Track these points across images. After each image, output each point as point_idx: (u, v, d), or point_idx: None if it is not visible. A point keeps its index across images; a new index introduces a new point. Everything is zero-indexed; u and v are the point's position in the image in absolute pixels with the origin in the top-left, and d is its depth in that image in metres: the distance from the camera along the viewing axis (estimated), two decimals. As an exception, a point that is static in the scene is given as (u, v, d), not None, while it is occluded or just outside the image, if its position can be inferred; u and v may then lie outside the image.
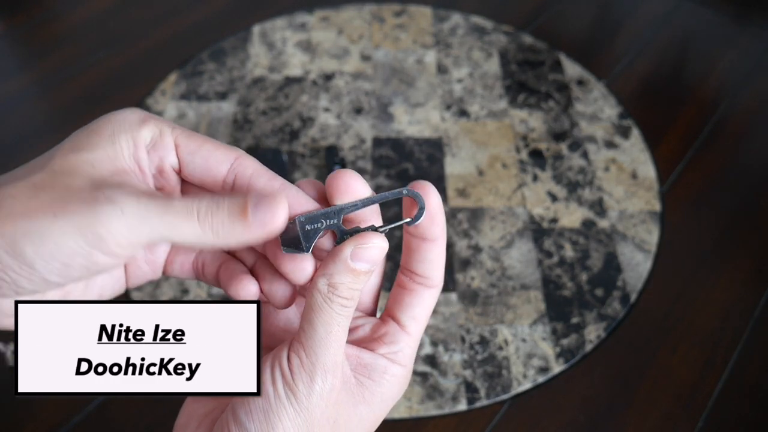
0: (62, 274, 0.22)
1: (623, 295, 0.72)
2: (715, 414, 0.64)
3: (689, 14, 1.07)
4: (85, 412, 0.63)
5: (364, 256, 0.25)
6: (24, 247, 0.22)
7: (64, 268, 0.22)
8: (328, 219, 0.25)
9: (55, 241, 0.22)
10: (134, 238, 0.22)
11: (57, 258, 0.22)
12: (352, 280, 0.25)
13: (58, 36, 1.04)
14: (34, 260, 0.22)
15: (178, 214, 0.23)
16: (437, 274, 0.28)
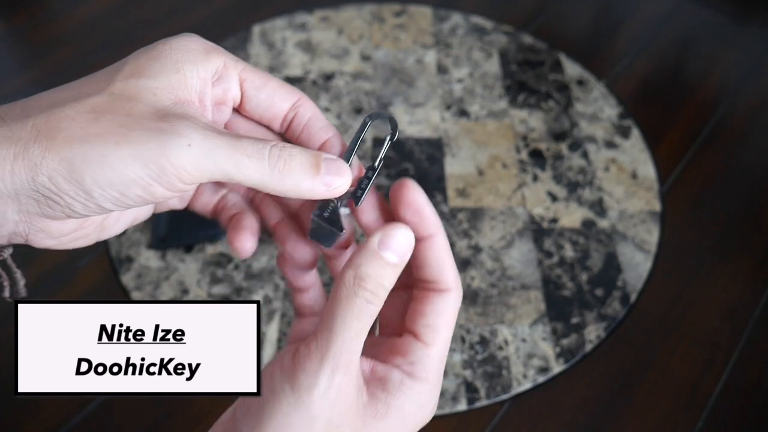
0: (117, 202, 0.22)
1: (623, 295, 0.72)
2: (715, 414, 0.64)
3: (689, 14, 1.07)
4: (85, 412, 0.63)
5: (391, 244, 0.24)
6: (83, 173, 0.21)
7: (120, 196, 0.22)
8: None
9: (116, 170, 0.21)
10: (198, 173, 0.22)
11: (115, 187, 0.21)
12: (380, 271, 0.23)
13: (59, 36, 1.04)
14: (91, 187, 0.21)
15: (247, 153, 0.22)
16: (445, 276, 0.26)
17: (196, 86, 0.24)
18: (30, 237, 0.23)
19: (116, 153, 0.21)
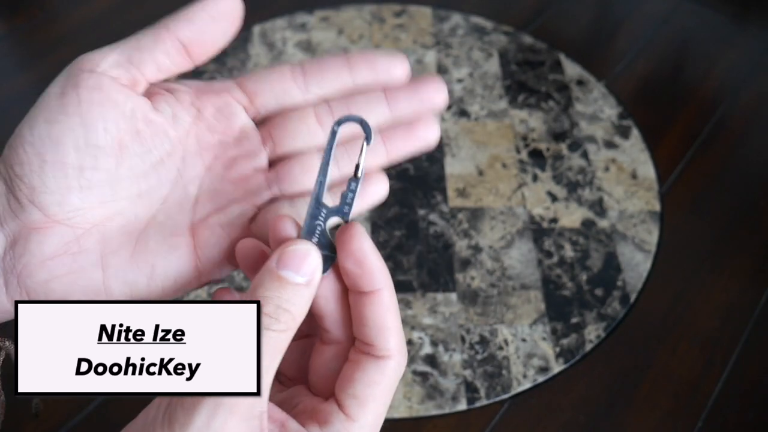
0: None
1: (623, 295, 0.72)
2: (715, 414, 0.64)
3: (689, 14, 1.07)
4: (85, 412, 0.63)
5: (290, 263, 0.21)
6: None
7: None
8: (319, 216, 0.24)
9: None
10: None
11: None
12: (281, 293, 0.21)
13: (59, 36, 1.04)
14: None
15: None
16: (384, 341, 0.22)
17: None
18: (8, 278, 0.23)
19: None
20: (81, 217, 0.23)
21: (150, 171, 0.24)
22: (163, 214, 0.25)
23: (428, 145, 0.26)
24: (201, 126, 0.25)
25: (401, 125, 0.26)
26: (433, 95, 0.25)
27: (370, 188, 0.25)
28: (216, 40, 0.25)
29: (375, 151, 0.25)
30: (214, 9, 0.24)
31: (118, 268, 0.24)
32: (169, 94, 0.25)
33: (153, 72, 0.24)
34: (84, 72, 0.23)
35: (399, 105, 0.26)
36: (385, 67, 0.25)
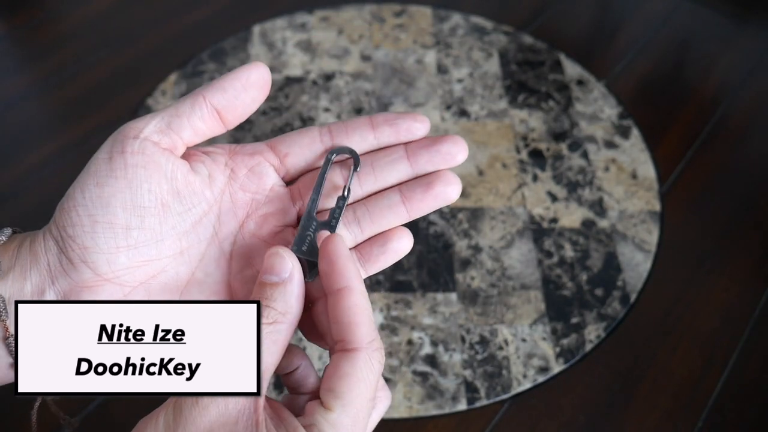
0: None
1: (623, 295, 0.72)
2: (715, 414, 0.64)
3: (689, 14, 1.07)
4: (85, 412, 0.63)
5: (266, 268, 0.24)
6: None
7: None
8: (309, 228, 0.27)
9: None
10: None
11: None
12: (261, 292, 0.24)
13: (59, 36, 1.04)
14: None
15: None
16: (351, 334, 0.24)
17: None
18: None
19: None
20: (129, 275, 0.25)
21: (190, 230, 0.26)
22: (202, 271, 0.27)
23: (448, 201, 0.27)
24: (235, 186, 0.27)
25: (420, 184, 0.27)
26: (453, 152, 0.27)
27: (392, 244, 0.27)
28: (246, 107, 0.27)
29: (396, 211, 0.27)
30: (245, 79, 0.26)
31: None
32: (205, 156, 0.27)
33: (190, 136, 0.26)
34: (129, 138, 0.25)
35: (419, 161, 0.27)
36: (406, 127, 0.27)
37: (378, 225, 0.27)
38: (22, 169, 0.84)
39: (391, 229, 0.27)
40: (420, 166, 0.27)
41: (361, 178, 0.28)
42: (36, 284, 0.24)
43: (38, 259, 0.25)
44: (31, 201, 0.81)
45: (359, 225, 0.27)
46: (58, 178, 0.83)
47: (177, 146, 0.26)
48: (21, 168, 0.85)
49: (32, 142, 0.88)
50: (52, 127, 0.91)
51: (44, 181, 0.83)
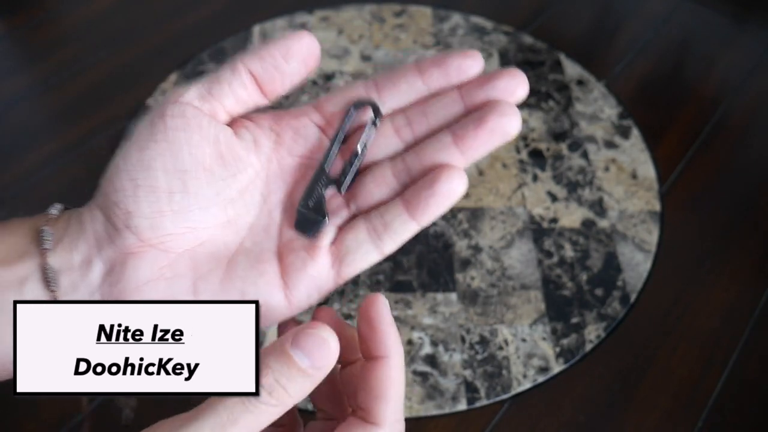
0: None
1: (623, 295, 0.72)
2: (715, 414, 0.64)
3: (689, 14, 1.07)
4: (85, 412, 0.63)
5: (304, 345, 0.21)
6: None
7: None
8: (319, 183, 0.25)
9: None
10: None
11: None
12: (284, 370, 0.21)
13: (59, 36, 1.04)
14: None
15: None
16: (378, 408, 0.22)
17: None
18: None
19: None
20: (173, 241, 0.24)
21: (237, 198, 0.25)
22: (250, 241, 0.25)
23: (506, 136, 0.24)
24: (281, 150, 0.26)
25: (473, 119, 0.24)
26: (511, 87, 0.24)
27: (440, 186, 0.23)
28: (287, 78, 0.25)
29: (449, 153, 0.24)
30: (285, 48, 0.25)
31: (208, 294, 0.24)
32: (249, 122, 0.26)
33: (231, 104, 0.25)
34: (169, 103, 0.24)
35: (474, 101, 0.24)
36: (456, 66, 0.25)
37: (427, 166, 0.24)
38: (22, 169, 0.84)
39: (438, 167, 0.24)
40: (474, 105, 0.25)
41: (413, 123, 0.25)
42: (83, 254, 0.24)
43: (85, 229, 0.25)
44: (31, 201, 0.81)
45: (409, 173, 0.25)
46: (58, 178, 0.83)
47: (218, 112, 0.25)
48: (21, 168, 0.85)
49: (32, 142, 0.88)
50: (52, 127, 0.91)
51: (44, 181, 0.83)
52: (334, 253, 0.25)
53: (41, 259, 0.24)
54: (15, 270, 0.24)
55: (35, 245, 0.24)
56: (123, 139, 0.26)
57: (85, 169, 0.84)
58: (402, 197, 0.24)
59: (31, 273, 0.24)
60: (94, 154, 0.86)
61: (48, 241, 0.24)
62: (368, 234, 0.24)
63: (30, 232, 0.25)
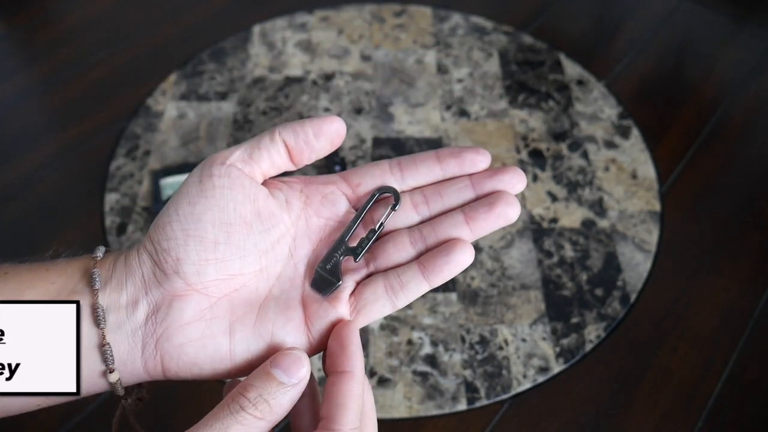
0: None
1: (623, 295, 0.72)
2: (715, 414, 0.64)
3: (689, 14, 1.07)
4: (85, 412, 0.63)
5: (281, 363, 0.25)
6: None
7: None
8: (338, 251, 0.29)
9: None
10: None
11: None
12: (265, 384, 0.25)
13: (59, 36, 1.04)
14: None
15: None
16: (339, 416, 0.25)
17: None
18: (161, 353, 0.27)
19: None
20: (215, 287, 0.27)
21: (269, 249, 0.29)
22: (278, 289, 0.29)
23: (509, 220, 0.28)
24: (309, 211, 0.30)
25: (483, 204, 0.29)
26: (513, 181, 0.29)
27: (455, 256, 0.28)
28: (314, 152, 0.29)
29: (460, 230, 0.29)
30: (317, 128, 0.29)
31: (242, 335, 0.27)
32: (282, 184, 0.30)
33: (267, 167, 0.29)
34: (216, 164, 0.28)
35: (483, 189, 0.29)
36: (470, 159, 0.29)
37: (442, 240, 0.29)
38: (22, 169, 0.84)
39: (453, 240, 0.28)
40: (483, 193, 0.30)
41: (430, 202, 0.30)
42: (131, 294, 0.27)
43: (133, 271, 0.27)
44: (31, 201, 0.81)
45: (425, 242, 0.29)
46: (58, 178, 0.83)
47: (256, 174, 0.29)
48: (21, 168, 0.85)
49: (32, 142, 0.88)
50: (52, 127, 0.91)
51: (44, 181, 0.83)
52: (352, 304, 0.29)
53: (92, 299, 0.26)
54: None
55: (84, 284, 0.27)
56: (123, 138, 0.26)
57: (85, 169, 0.84)
58: (418, 262, 0.29)
59: (83, 311, 0.26)
60: (94, 154, 0.86)
61: (97, 282, 0.27)
62: (385, 290, 0.28)
63: (78, 272, 0.27)
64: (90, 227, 0.77)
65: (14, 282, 0.26)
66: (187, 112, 0.91)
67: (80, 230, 0.77)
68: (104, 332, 0.26)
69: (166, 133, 0.88)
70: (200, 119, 0.90)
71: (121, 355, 0.26)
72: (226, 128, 0.89)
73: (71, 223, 0.78)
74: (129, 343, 0.27)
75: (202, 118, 0.90)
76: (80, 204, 0.80)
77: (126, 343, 0.26)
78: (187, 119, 0.90)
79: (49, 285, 0.27)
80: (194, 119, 0.90)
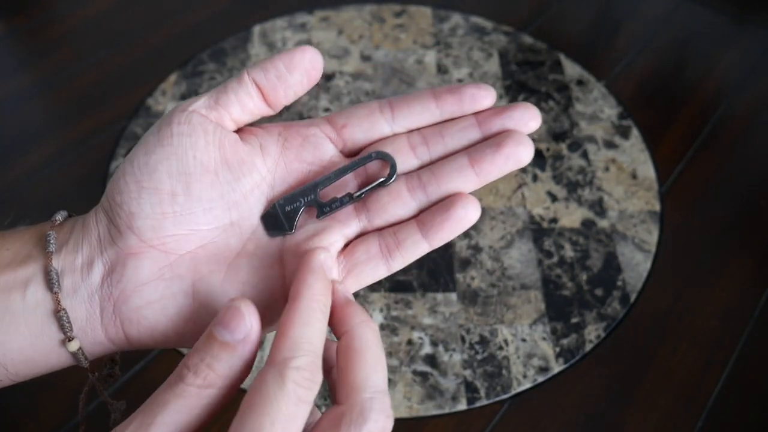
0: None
1: (623, 295, 0.72)
2: (715, 414, 0.64)
3: (689, 14, 1.07)
4: (85, 412, 0.63)
5: (223, 319, 0.21)
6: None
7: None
8: (305, 196, 0.25)
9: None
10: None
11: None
12: (207, 347, 0.21)
13: (58, 36, 1.04)
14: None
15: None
16: (340, 385, 0.21)
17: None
18: (119, 317, 0.24)
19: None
20: (175, 243, 0.25)
21: (241, 200, 0.26)
22: (254, 244, 0.26)
23: (520, 162, 0.25)
24: (289, 155, 0.27)
25: (490, 144, 0.25)
26: (525, 118, 0.26)
27: (456, 212, 0.25)
28: (290, 89, 0.26)
29: (465, 175, 0.25)
30: (288, 60, 0.26)
31: (207, 295, 0.25)
32: (257, 129, 0.27)
33: (238, 112, 0.26)
34: (177, 111, 0.25)
35: (491, 128, 0.26)
36: (470, 95, 0.26)
37: (445, 190, 0.25)
38: (22, 169, 0.84)
39: (455, 195, 0.25)
40: (490, 133, 0.26)
41: (430, 143, 0.26)
42: (86, 255, 0.25)
43: (89, 231, 0.25)
44: (31, 201, 0.81)
45: (425, 191, 0.25)
46: (58, 178, 0.83)
47: (224, 120, 0.26)
48: (21, 168, 0.85)
49: (32, 142, 0.88)
50: (52, 127, 0.91)
51: (44, 181, 0.83)
52: (342, 263, 0.25)
53: (45, 261, 0.24)
54: (19, 273, 0.24)
55: (39, 249, 0.25)
56: (123, 138, 0.26)
57: (85, 169, 0.84)
58: (417, 218, 0.25)
59: (34, 275, 0.24)
60: (94, 154, 0.86)
61: (52, 245, 0.25)
62: (380, 249, 0.25)
63: (35, 237, 0.25)
64: (90, 227, 0.77)
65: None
66: (187, 112, 0.91)
67: (80, 230, 0.77)
68: (59, 297, 0.24)
69: (166, 133, 0.88)
70: (200, 119, 0.90)
71: (79, 321, 0.24)
72: (226, 128, 0.89)
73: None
74: (87, 308, 0.24)
75: (202, 118, 0.90)
76: (80, 204, 0.80)
77: (84, 309, 0.24)
78: (187, 119, 0.90)
79: (3, 252, 0.25)
80: (194, 119, 0.90)
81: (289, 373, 0.20)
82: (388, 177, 0.25)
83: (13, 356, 0.24)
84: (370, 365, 0.21)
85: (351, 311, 0.23)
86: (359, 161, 0.26)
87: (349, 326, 0.22)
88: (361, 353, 0.21)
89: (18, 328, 0.24)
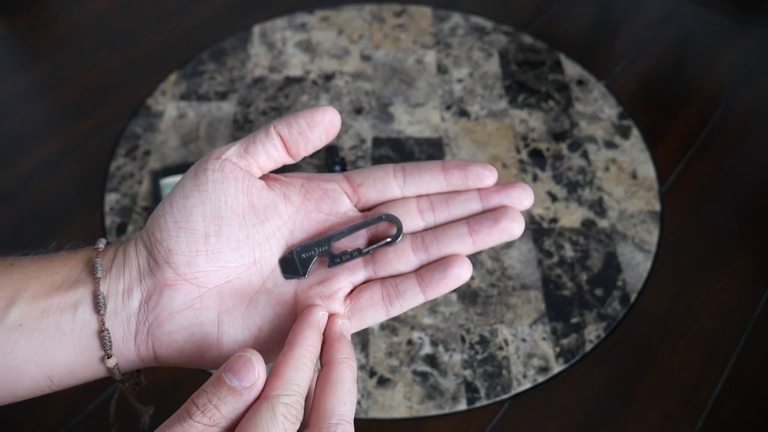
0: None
1: (623, 295, 0.72)
2: (715, 414, 0.64)
3: (689, 14, 1.07)
4: (85, 412, 0.63)
5: (232, 366, 0.24)
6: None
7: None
8: (320, 247, 0.29)
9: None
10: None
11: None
12: (215, 389, 0.24)
13: (58, 36, 1.04)
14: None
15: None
16: (316, 408, 0.24)
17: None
18: (152, 331, 0.28)
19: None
20: (205, 277, 0.28)
21: (263, 241, 0.29)
22: (272, 282, 0.29)
23: (513, 236, 0.29)
24: (309, 205, 0.30)
25: (488, 218, 0.29)
26: (521, 197, 0.29)
27: (453, 271, 0.28)
28: (310, 143, 0.30)
29: (463, 241, 0.29)
30: (310, 119, 0.29)
31: (230, 326, 0.28)
32: (282, 178, 0.31)
33: (264, 161, 0.29)
34: (211, 159, 0.28)
35: (491, 204, 0.30)
36: (476, 173, 0.29)
37: (444, 252, 0.29)
38: (22, 169, 0.84)
39: (452, 256, 0.29)
40: (489, 206, 0.30)
41: (436, 209, 0.30)
42: (127, 283, 0.28)
43: (131, 261, 0.28)
44: (31, 201, 0.81)
45: (427, 251, 0.29)
46: (58, 178, 0.83)
47: (252, 167, 0.29)
48: (21, 168, 0.85)
49: (32, 142, 0.88)
50: (52, 127, 0.91)
51: (44, 181, 0.83)
52: (347, 305, 0.29)
53: (93, 286, 0.27)
54: (70, 295, 0.27)
55: (87, 274, 0.28)
56: (123, 138, 0.26)
57: (85, 169, 0.84)
58: (417, 273, 0.29)
59: (83, 298, 0.27)
60: (94, 154, 0.86)
61: (99, 271, 0.28)
62: (382, 297, 0.28)
63: (81, 262, 0.29)
64: (90, 227, 0.77)
65: (19, 273, 0.27)
66: (187, 112, 0.91)
67: (80, 230, 0.77)
68: (104, 319, 0.27)
69: (166, 133, 0.88)
70: (200, 119, 0.90)
71: (116, 341, 0.27)
72: (226, 128, 0.89)
73: (71, 223, 0.78)
74: (124, 329, 0.27)
75: (202, 118, 0.90)
76: (80, 204, 0.80)
77: (121, 330, 0.27)
78: (187, 119, 0.90)
79: (53, 275, 0.28)
80: (194, 119, 0.90)
81: (279, 408, 0.23)
82: (395, 237, 0.29)
83: (60, 370, 0.27)
84: (340, 398, 0.25)
85: (339, 346, 0.26)
86: (371, 221, 0.29)
87: (334, 359, 0.26)
88: (335, 386, 0.25)
89: (66, 345, 0.27)
